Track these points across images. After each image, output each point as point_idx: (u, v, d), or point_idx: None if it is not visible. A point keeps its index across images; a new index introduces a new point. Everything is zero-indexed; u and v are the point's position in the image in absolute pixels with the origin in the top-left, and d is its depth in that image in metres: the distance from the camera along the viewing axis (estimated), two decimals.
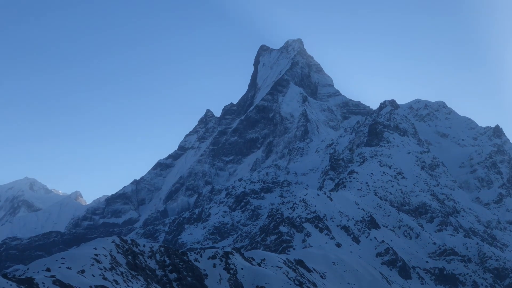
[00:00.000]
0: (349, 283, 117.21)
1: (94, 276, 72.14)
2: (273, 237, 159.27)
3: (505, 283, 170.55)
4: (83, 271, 71.80)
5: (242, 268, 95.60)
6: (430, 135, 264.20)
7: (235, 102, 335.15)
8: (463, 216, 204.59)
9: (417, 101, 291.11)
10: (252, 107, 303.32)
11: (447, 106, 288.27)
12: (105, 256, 79.64)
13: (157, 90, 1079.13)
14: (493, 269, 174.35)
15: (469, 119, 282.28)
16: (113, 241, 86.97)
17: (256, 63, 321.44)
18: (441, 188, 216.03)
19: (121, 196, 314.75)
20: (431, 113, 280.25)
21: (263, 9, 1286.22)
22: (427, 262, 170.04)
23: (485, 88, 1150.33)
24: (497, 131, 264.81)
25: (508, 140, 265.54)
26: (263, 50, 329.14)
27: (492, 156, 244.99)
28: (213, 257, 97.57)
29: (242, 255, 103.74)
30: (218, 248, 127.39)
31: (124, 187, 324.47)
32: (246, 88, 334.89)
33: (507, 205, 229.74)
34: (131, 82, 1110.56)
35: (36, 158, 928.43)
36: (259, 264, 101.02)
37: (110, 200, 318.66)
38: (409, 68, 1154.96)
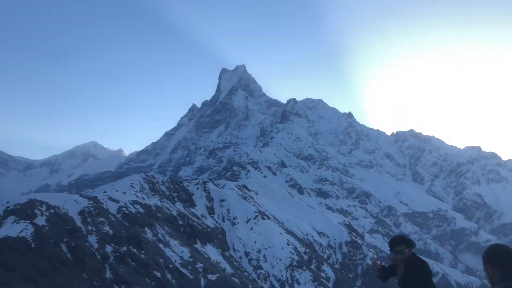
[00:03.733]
0: (270, 197, 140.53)
1: (130, 195, 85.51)
2: (229, 173, 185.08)
3: (353, 195, 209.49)
4: (124, 192, 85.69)
5: (213, 190, 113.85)
6: (314, 118, 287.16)
7: (209, 99, 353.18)
8: (331, 160, 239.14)
9: (307, 99, 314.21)
10: (218, 102, 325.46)
11: (323, 102, 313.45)
12: (136, 184, 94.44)
13: (167, 91, 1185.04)
14: (348, 188, 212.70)
15: (335, 108, 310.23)
16: (141, 176, 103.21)
17: (220, 77, 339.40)
18: (320, 146, 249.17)
19: (145, 151, 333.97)
20: (314, 105, 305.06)
21: (223, 40, 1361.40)
22: (312, 185, 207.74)
23: (343, 88, 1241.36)
24: (350, 115, 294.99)
25: (355, 120, 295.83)
26: (224, 70, 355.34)
27: (347, 128, 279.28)
28: (197, 184, 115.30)
29: (213, 183, 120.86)
30: (199, 179, 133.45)
31: (146, 146, 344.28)
32: (215, 91, 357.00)
33: (355, 155, 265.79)
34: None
35: (98, 127, 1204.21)
36: (222, 187, 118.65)
37: (139, 153, 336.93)
38: (301, 74, 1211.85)
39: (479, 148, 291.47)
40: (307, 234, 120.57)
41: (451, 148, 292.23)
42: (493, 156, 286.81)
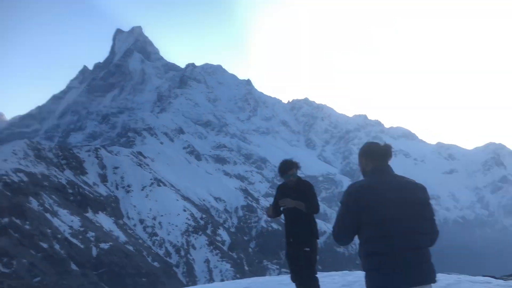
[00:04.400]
0: (167, 164, 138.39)
1: (13, 162, 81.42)
2: (124, 139, 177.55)
3: (250, 161, 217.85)
4: (5, 160, 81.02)
5: (106, 157, 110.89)
6: (213, 84, 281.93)
7: (102, 61, 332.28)
8: (230, 126, 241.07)
9: (207, 64, 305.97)
10: (112, 64, 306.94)
11: (222, 68, 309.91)
12: (19, 151, 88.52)
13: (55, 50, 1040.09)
14: (246, 154, 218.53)
15: (234, 75, 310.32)
16: (25, 142, 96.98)
17: (114, 39, 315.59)
18: (219, 112, 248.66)
19: (29, 116, 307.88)
20: (213, 71, 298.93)
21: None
22: (210, 151, 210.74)
23: (242, 55, 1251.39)
24: (248, 82, 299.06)
25: (254, 87, 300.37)
26: (119, 31, 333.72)
27: (246, 95, 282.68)
28: (88, 150, 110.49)
29: (106, 149, 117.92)
30: (91, 145, 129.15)
31: (31, 110, 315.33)
32: (108, 53, 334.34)
33: (253, 121, 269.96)
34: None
35: None
36: (116, 154, 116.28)
37: (23, 117, 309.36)
38: (200, 39, 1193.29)
39: (365, 116, 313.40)
40: (204, 200, 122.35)
41: (341, 116, 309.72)
42: (377, 123, 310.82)
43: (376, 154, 3.51)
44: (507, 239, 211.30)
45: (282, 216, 6.06)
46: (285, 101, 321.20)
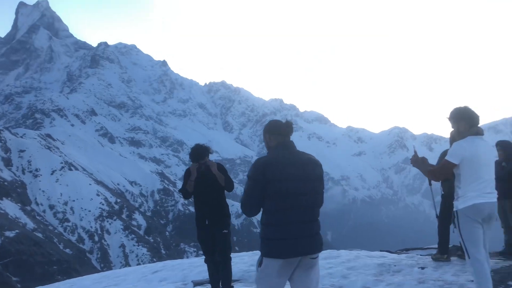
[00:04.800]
0: (79, 147, 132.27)
1: None
2: (30, 121, 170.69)
3: (166, 144, 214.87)
4: None
5: (10, 139, 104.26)
6: (127, 64, 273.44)
7: (3, 36, 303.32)
8: (145, 108, 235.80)
9: (120, 43, 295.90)
10: (15, 40, 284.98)
11: (137, 48, 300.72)
12: None
13: None
14: (162, 137, 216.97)
15: (150, 55, 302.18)
16: None
17: (17, 12, 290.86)
18: (133, 94, 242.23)
19: None
20: (127, 51, 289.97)
21: None
22: (124, 134, 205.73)
23: (158, 34, 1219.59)
24: (164, 63, 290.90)
25: (170, 68, 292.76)
26: (22, 4, 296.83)
27: (162, 76, 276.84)
28: None
29: (10, 131, 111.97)
30: None
31: None
32: (11, 28, 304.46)
33: (169, 104, 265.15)
34: None
35: None
36: (21, 137, 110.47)
37: None
38: (113, 17, 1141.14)
39: (281, 100, 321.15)
40: (118, 184, 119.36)
41: (257, 100, 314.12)
42: (292, 107, 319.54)
43: (279, 130, 3.79)
44: (409, 215, 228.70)
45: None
46: (202, 83, 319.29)
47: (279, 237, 3.48)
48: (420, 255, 7.79)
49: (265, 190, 3.51)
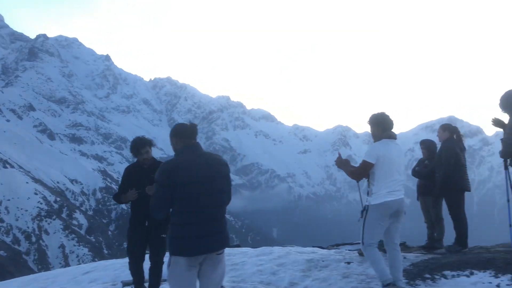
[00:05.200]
0: (15, 143, 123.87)
1: None
2: None
3: (109, 141, 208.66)
4: None
5: None
6: (68, 58, 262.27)
7: None
8: (87, 104, 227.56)
9: (61, 36, 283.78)
10: None
11: (79, 41, 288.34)
12: None
13: None
14: (104, 133, 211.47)
15: (92, 49, 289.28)
16: None
17: None
18: (75, 88, 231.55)
19: None
20: (68, 44, 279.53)
21: None
22: (65, 130, 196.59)
23: (101, 28, 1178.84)
24: (107, 58, 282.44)
25: (113, 63, 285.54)
26: None
27: (105, 71, 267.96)
28: None
29: None
30: None
31: None
32: None
33: (112, 99, 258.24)
34: None
35: None
36: None
37: None
38: (53, 8, 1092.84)
39: (228, 98, 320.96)
40: (58, 182, 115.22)
41: (204, 97, 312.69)
42: (239, 105, 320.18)
43: (184, 133, 3.98)
44: (351, 212, 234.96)
45: None
46: (146, 79, 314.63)
47: (185, 236, 3.67)
48: (349, 250, 8.08)
49: (172, 193, 3.66)
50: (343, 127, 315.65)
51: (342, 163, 5.11)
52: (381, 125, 5.04)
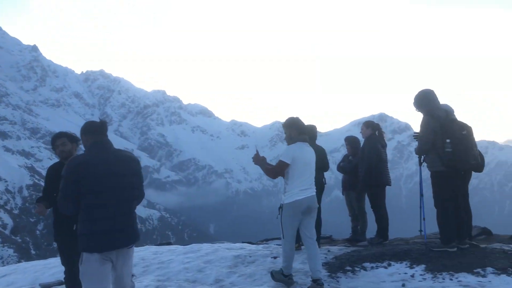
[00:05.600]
0: None
1: None
2: None
3: (37, 136, 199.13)
4: None
5: None
6: None
7: None
8: (12, 97, 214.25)
9: None
10: None
11: (2, 29, 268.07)
12: None
13: None
14: (32, 128, 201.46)
15: (17, 39, 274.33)
16: None
17: None
18: (1, 80, 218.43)
19: None
20: None
21: None
22: None
23: (24, 15, 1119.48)
24: (35, 48, 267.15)
25: (41, 54, 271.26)
26: None
27: (32, 62, 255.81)
28: None
29: None
30: None
31: None
32: None
33: (40, 92, 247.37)
34: None
35: None
36: None
37: None
38: None
39: (164, 92, 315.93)
40: None
41: (139, 91, 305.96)
42: (176, 99, 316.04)
43: (93, 130, 4.00)
44: None
45: None
46: (78, 71, 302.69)
47: (95, 231, 3.68)
48: (277, 244, 8.20)
49: (80, 188, 3.67)
50: (281, 123, 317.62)
51: (259, 160, 5.41)
52: (296, 129, 5.47)
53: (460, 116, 6.38)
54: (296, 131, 5.48)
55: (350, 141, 8.38)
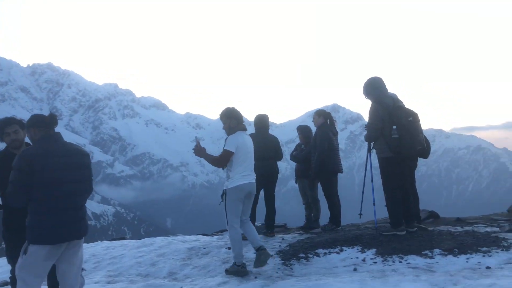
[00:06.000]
0: None
1: None
2: None
3: None
4: None
5: None
6: None
7: None
8: None
9: None
10: None
11: None
12: None
13: None
14: None
15: None
16: None
17: None
18: None
19: None
20: None
21: None
22: None
23: None
24: None
25: None
26: None
27: None
28: None
29: None
30: None
31: None
32: None
33: None
34: None
35: None
36: None
37: None
38: None
39: (116, 85, 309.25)
40: None
41: (90, 84, 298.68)
42: (128, 93, 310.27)
43: (42, 123, 3.95)
44: None
45: None
46: (24, 64, 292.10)
47: (46, 224, 3.70)
48: None
49: (32, 180, 3.67)
50: None
51: (201, 152, 5.57)
52: (236, 119, 5.69)
53: (409, 105, 6.54)
54: (236, 121, 5.68)
55: (302, 130, 8.44)
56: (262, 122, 7.76)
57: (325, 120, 7.81)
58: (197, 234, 8.96)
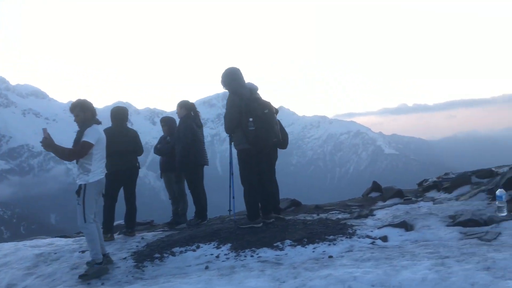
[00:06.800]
0: None
1: None
2: None
3: None
4: None
5: None
6: None
7: None
8: None
9: None
10: None
11: None
12: None
13: None
14: None
15: None
16: None
17: None
18: None
19: None
20: None
21: None
22: None
23: None
24: None
25: None
26: None
27: None
28: None
29: None
30: None
31: None
32: None
33: None
34: None
35: None
36: None
37: None
38: None
39: None
40: None
41: None
42: (2, 80, 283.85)
43: None
44: (143, 191, 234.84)
45: None
46: None
47: None
48: None
49: None
50: (123, 103, 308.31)
51: (52, 144, 5.19)
52: (91, 111, 5.48)
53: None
54: (91, 113, 5.48)
55: (166, 121, 8.15)
56: (120, 114, 7.37)
57: (188, 112, 7.59)
58: (57, 236, 8.30)
